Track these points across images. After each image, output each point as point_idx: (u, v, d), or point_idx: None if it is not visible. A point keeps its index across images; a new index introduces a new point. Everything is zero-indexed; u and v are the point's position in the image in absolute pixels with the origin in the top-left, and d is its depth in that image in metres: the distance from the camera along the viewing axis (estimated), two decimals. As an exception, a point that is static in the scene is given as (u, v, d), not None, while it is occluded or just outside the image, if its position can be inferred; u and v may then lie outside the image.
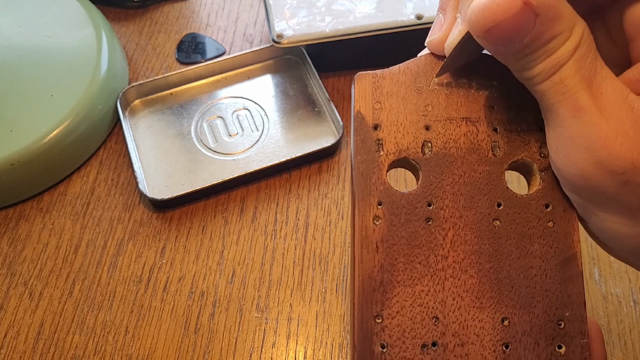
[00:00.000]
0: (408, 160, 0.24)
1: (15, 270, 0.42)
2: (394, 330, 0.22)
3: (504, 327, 0.23)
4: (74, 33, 0.49)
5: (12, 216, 0.45)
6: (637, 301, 0.40)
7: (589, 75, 0.19)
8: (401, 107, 0.24)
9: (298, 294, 0.41)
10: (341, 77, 0.51)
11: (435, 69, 0.25)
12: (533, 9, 0.18)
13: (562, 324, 0.23)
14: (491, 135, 0.24)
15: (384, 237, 0.23)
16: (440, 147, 0.24)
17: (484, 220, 0.23)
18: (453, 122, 0.24)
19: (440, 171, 0.24)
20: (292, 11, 0.47)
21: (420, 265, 0.23)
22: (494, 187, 0.24)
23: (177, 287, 0.41)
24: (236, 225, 0.44)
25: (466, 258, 0.23)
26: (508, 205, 0.24)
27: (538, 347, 0.23)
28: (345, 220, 0.44)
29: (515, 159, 0.24)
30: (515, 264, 0.23)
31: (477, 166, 0.24)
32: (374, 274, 0.23)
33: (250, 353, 0.39)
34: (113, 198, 0.45)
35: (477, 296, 0.23)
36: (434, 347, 0.22)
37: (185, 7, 0.57)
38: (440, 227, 0.23)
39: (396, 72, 0.25)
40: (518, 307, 0.23)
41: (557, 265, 0.23)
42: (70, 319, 0.40)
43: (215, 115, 0.49)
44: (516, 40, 0.19)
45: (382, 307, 0.23)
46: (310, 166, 0.47)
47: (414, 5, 0.47)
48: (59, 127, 0.44)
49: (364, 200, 0.23)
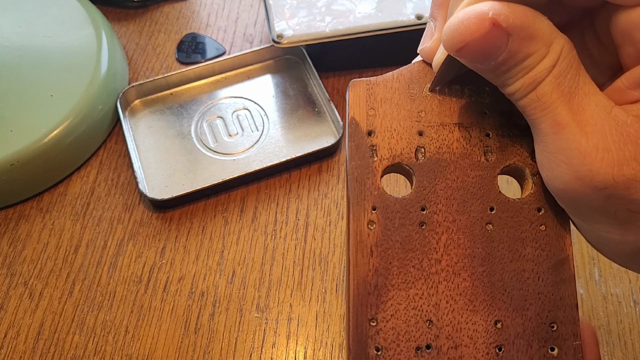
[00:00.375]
0: (402, 165, 0.24)
1: (15, 270, 0.42)
2: (389, 333, 0.23)
3: (497, 329, 0.23)
4: (74, 33, 0.49)
5: (12, 216, 0.45)
6: (637, 301, 0.40)
7: (569, 91, 0.19)
8: (395, 113, 0.24)
9: (298, 294, 0.41)
10: (341, 77, 0.51)
11: (428, 76, 0.25)
12: (503, 29, 0.18)
13: (555, 326, 0.23)
14: (484, 140, 0.24)
15: (378, 241, 0.23)
16: (433, 153, 0.24)
17: (476, 224, 0.24)
18: (446, 127, 0.24)
19: (433, 176, 0.24)
20: (292, 11, 0.47)
21: (414, 269, 0.23)
22: (486, 191, 0.24)
23: (177, 287, 0.41)
24: (236, 225, 0.44)
25: (459, 261, 0.23)
26: (500, 209, 0.24)
27: (531, 350, 0.23)
28: (345, 220, 0.44)
29: (507, 163, 0.24)
30: (508, 267, 0.23)
31: (470, 171, 0.24)
32: (368, 278, 0.23)
33: (250, 353, 0.39)
34: (113, 198, 0.45)
35: (470, 299, 0.23)
36: (428, 349, 0.23)
37: (185, 7, 0.57)
38: (433, 231, 0.23)
39: (390, 78, 0.25)
40: (511, 310, 0.23)
41: (549, 268, 0.23)
42: (70, 319, 0.40)
43: (215, 115, 0.49)
44: (490, 58, 0.19)
45: (377, 310, 0.23)
46: (310, 166, 0.47)
47: (414, 6, 0.47)
48: (59, 127, 0.44)
49: (358, 205, 0.23)
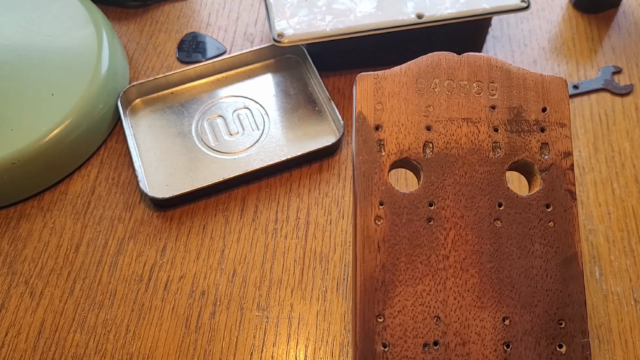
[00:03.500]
0: (409, 160, 0.24)
1: (16, 269, 0.42)
2: (396, 330, 0.23)
3: (505, 326, 0.23)
4: (75, 32, 0.49)
5: (13, 215, 0.45)
6: (637, 300, 0.40)
7: None
8: (402, 107, 0.24)
9: (299, 293, 0.41)
10: (342, 76, 0.51)
11: (437, 71, 0.25)
12: None
13: (563, 323, 0.23)
14: (492, 135, 0.24)
15: (385, 236, 0.23)
16: (441, 148, 0.24)
17: (485, 220, 0.23)
18: (454, 122, 0.24)
19: (441, 171, 0.24)
20: (293, 10, 0.47)
21: (422, 264, 0.23)
22: (494, 187, 0.24)
23: (178, 286, 0.41)
24: (237, 224, 0.44)
25: (467, 258, 0.23)
26: (509, 206, 0.24)
27: (539, 346, 0.23)
28: (346, 219, 0.44)
29: (516, 159, 0.24)
30: (516, 264, 0.23)
31: (478, 166, 0.24)
32: (375, 274, 0.23)
33: (251, 352, 0.39)
34: (114, 197, 0.45)
35: (478, 295, 0.23)
36: (435, 346, 0.23)
37: (185, 6, 0.57)
38: (441, 227, 0.23)
39: (397, 73, 0.25)
40: (519, 307, 0.23)
41: (557, 264, 0.23)
42: (71, 318, 0.40)
43: (215, 114, 0.49)
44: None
45: (384, 306, 0.23)
46: (311, 165, 0.47)
47: (414, 5, 0.47)
48: (60, 126, 0.44)
49: (365, 200, 0.23)
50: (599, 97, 0.50)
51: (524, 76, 0.25)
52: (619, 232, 0.43)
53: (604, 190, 0.45)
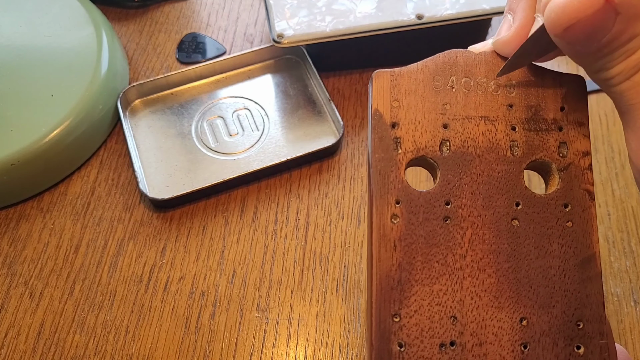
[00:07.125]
0: (426, 158, 0.24)
1: (15, 270, 0.42)
2: (412, 329, 0.22)
3: (522, 327, 0.23)
4: (75, 33, 0.49)
5: (12, 216, 0.45)
6: (637, 301, 0.40)
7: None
8: (419, 105, 0.24)
9: (298, 294, 0.41)
10: (342, 76, 0.51)
11: (454, 68, 0.24)
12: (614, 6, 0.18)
13: (581, 324, 0.23)
14: (510, 134, 0.24)
15: (402, 235, 0.23)
16: (458, 146, 0.24)
17: (502, 219, 0.23)
18: (471, 120, 0.24)
19: (458, 170, 0.24)
20: (293, 11, 0.47)
21: (439, 264, 0.23)
22: (512, 186, 0.24)
23: (178, 287, 0.41)
24: (236, 225, 0.44)
25: (484, 257, 0.23)
26: (527, 205, 0.23)
27: (557, 348, 0.23)
28: (346, 219, 0.44)
29: (533, 158, 0.24)
30: (534, 264, 0.23)
31: (496, 165, 0.24)
32: (392, 273, 0.23)
33: (251, 353, 0.39)
34: (113, 198, 0.45)
35: (495, 296, 0.23)
36: (452, 346, 0.22)
37: (185, 7, 0.57)
38: (458, 226, 0.23)
39: (414, 70, 0.25)
40: (537, 307, 0.23)
41: (576, 265, 0.23)
42: (70, 319, 0.40)
43: (215, 115, 0.49)
44: (595, 39, 0.19)
45: (400, 305, 0.22)
46: (311, 166, 0.47)
47: (414, 5, 0.47)
48: (60, 126, 0.44)
49: (381, 199, 0.23)
50: (599, 97, 0.50)
51: (542, 74, 0.25)
52: (618, 233, 0.43)
53: (604, 191, 0.45)
